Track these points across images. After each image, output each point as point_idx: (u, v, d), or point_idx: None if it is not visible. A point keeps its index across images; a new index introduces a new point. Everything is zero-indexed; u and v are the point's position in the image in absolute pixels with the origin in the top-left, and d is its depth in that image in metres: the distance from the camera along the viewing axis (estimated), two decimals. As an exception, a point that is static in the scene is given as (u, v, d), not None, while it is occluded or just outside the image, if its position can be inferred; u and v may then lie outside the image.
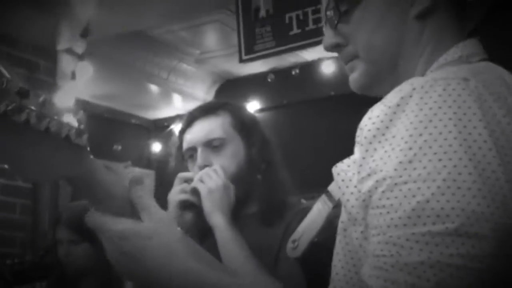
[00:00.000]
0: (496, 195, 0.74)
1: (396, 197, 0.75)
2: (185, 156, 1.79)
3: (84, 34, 3.47)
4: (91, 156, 0.87)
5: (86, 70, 3.90)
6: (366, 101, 0.93)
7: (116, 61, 4.48)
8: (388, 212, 0.75)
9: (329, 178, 1.04)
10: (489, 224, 0.72)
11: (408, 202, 0.74)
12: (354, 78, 1.04)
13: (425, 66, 0.97)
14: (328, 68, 4.66)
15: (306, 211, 1.16)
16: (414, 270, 0.71)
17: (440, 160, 0.75)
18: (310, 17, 3.20)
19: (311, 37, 3.17)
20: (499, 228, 0.73)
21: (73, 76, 3.85)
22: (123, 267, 0.92)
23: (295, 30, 3.26)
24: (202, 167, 1.70)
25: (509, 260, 0.74)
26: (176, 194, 1.69)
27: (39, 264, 2.39)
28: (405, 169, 0.76)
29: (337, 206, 1.08)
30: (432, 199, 0.73)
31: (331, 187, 1.11)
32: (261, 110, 4.87)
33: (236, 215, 1.65)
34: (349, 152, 0.90)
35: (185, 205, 1.68)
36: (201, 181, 1.66)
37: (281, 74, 4.85)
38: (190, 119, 1.79)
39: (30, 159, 0.79)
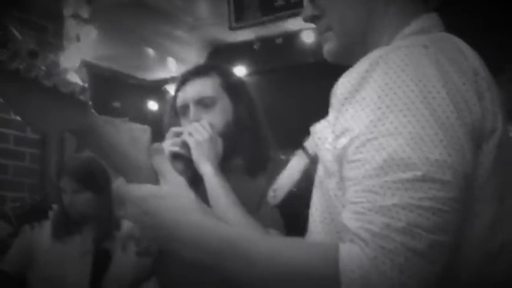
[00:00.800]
0: (455, 145, 0.76)
1: (368, 151, 0.77)
2: (179, 113, 1.78)
3: (89, 0, 3.41)
4: (93, 111, 0.89)
5: (90, 34, 3.85)
6: (342, 68, 0.92)
7: (117, 26, 4.43)
8: (363, 165, 0.77)
9: (308, 136, 1.04)
10: (450, 170, 0.74)
11: (379, 155, 0.75)
12: (328, 48, 1.04)
13: (391, 37, 0.97)
14: (308, 37, 4.66)
15: (286, 164, 1.17)
16: (388, 212, 0.72)
17: (405, 116, 0.76)
18: (294, -10, 3.17)
19: (294, 8, 3.14)
20: (458, 174, 0.75)
21: (78, 38, 3.80)
22: (143, 225, 0.94)
23: (280, 2, 3.23)
24: (194, 122, 1.69)
25: (465, 205, 0.76)
26: (167, 146, 1.69)
27: (37, 207, 2.40)
28: (375, 126, 0.77)
29: (312, 161, 1.09)
30: (400, 151, 0.74)
31: (307, 143, 1.12)
32: (247, 75, 4.84)
33: (224, 166, 1.65)
34: (326, 113, 0.90)
35: (176, 156, 1.68)
36: (190, 134, 1.66)
37: (266, 42, 4.83)
38: (184, 79, 1.77)
39: (40, 112, 0.81)
